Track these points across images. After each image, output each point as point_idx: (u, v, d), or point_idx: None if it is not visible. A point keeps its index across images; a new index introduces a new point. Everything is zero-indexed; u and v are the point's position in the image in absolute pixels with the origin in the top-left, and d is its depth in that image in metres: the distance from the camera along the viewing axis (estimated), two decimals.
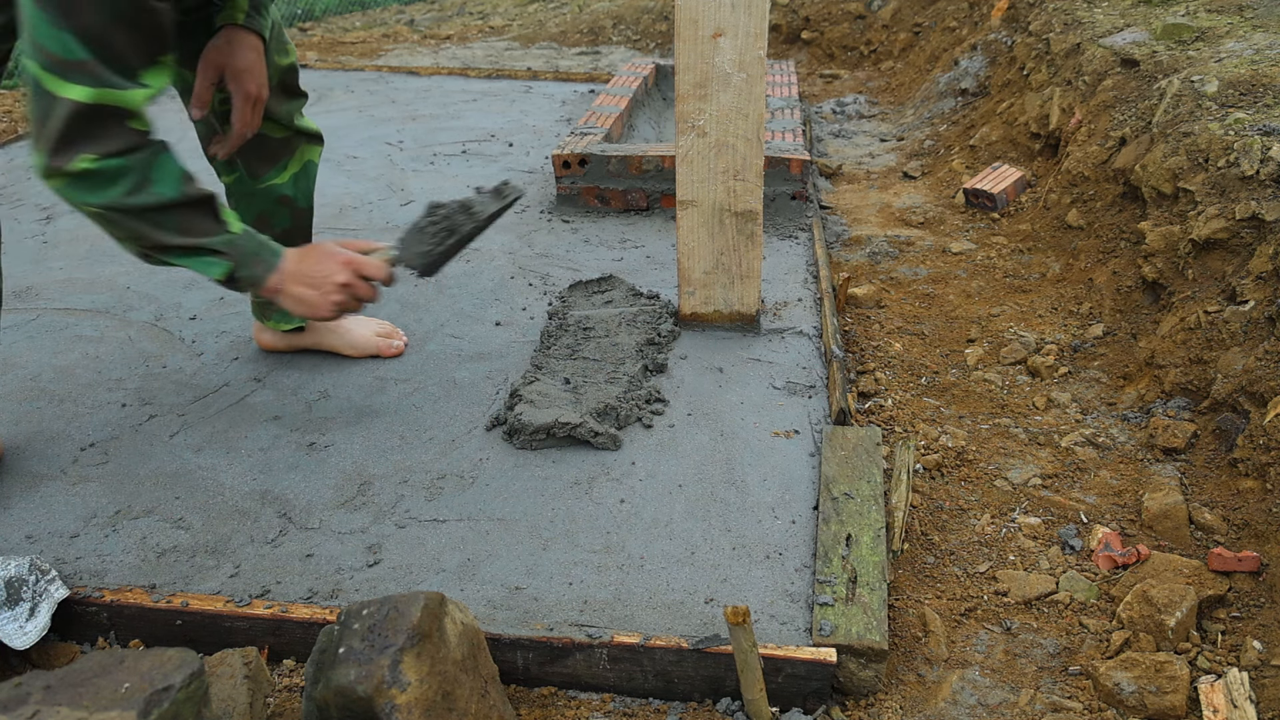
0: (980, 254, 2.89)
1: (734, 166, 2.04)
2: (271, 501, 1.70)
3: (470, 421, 1.93)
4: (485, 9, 7.23)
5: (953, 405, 2.15)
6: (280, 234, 1.96)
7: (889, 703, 1.39)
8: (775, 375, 2.08)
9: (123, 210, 1.42)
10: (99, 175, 1.38)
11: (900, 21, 5.33)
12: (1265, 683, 1.38)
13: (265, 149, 1.88)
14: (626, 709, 1.39)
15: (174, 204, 1.44)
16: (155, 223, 1.44)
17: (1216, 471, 1.82)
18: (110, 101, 1.35)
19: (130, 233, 1.45)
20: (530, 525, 1.64)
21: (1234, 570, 1.57)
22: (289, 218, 1.97)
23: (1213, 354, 2.00)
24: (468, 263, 2.66)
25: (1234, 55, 2.75)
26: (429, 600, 1.14)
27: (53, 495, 1.72)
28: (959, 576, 1.65)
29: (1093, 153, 2.84)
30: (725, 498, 1.70)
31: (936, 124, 4.06)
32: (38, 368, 2.13)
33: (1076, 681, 1.43)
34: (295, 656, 1.45)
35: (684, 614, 1.44)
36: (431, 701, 1.10)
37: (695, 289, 2.22)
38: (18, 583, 1.41)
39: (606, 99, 3.73)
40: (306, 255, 1.59)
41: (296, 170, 1.94)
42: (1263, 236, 2.08)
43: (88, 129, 1.35)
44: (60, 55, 1.30)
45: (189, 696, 1.01)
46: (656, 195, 3.02)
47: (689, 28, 1.89)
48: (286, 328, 2.09)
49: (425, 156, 3.62)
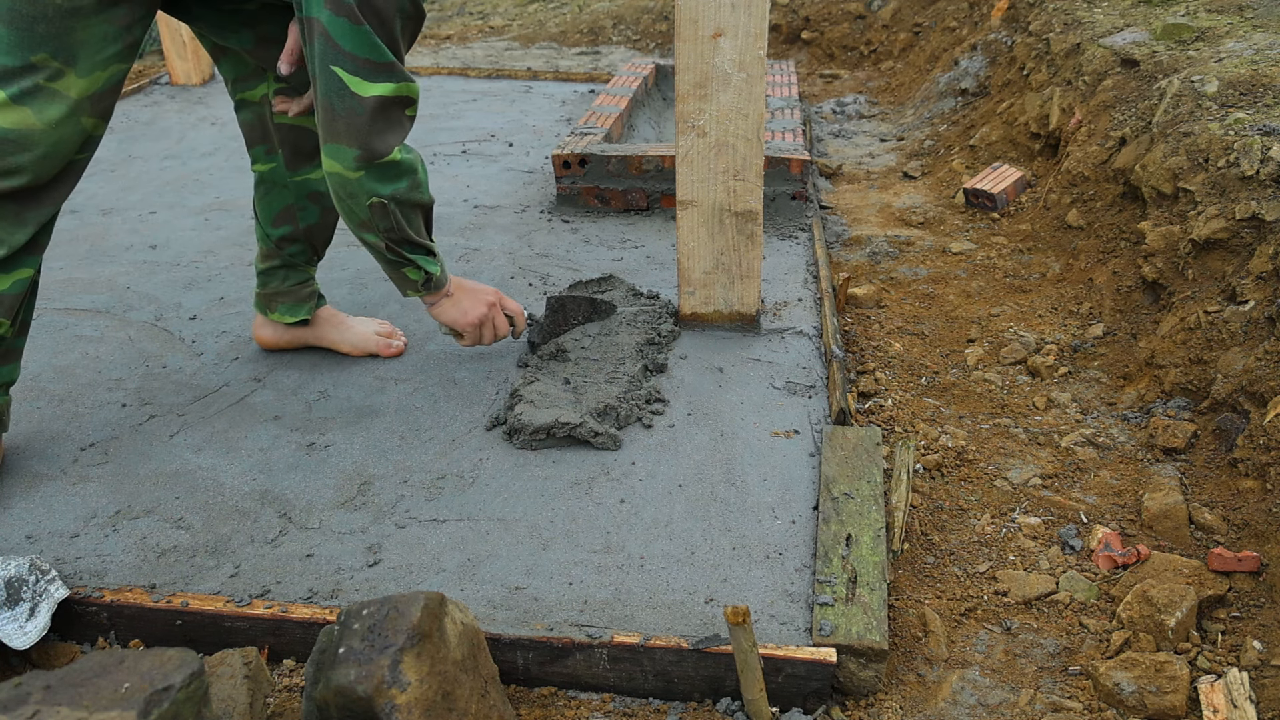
0: (980, 254, 2.89)
1: (734, 166, 2.04)
2: (271, 501, 1.70)
3: (470, 421, 1.93)
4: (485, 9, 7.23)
5: (953, 405, 2.15)
6: (304, 229, 1.98)
7: (889, 703, 1.40)
8: (775, 375, 2.08)
9: (400, 202, 1.66)
10: (398, 166, 1.63)
11: (900, 21, 5.33)
12: (1265, 683, 1.38)
13: (309, 142, 1.91)
14: (626, 709, 1.39)
15: (429, 205, 1.75)
16: (411, 218, 1.71)
17: (1216, 471, 1.82)
18: (405, 94, 1.59)
19: (395, 223, 1.68)
20: (530, 525, 1.64)
21: (1234, 570, 1.57)
22: (317, 214, 1.99)
23: (1213, 354, 2.00)
24: (468, 263, 2.67)
25: (1234, 55, 2.75)
26: (429, 600, 1.14)
27: (53, 495, 1.72)
28: (959, 576, 1.65)
29: (1093, 153, 2.84)
30: (725, 498, 1.70)
31: (936, 124, 4.06)
32: (38, 368, 2.13)
33: (1076, 681, 1.43)
34: (295, 656, 1.45)
35: (684, 614, 1.44)
36: (431, 701, 1.10)
37: (695, 289, 2.22)
38: (18, 583, 1.41)
39: (606, 99, 3.73)
40: (464, 285, 1.92)
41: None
42: (1263, 236, 2.08)
43: (385, 122, 1.59)
44: (370, 58, 1.53)
45: (189, 696, 1.01)
46: (656, 195, 3.02)
47: (689, 28, 1.89)
48: (291, 320, 2.08)
49: (425, 156, 3.62)
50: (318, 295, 2.11)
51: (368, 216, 1.66)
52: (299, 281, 2.05)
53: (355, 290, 2.50)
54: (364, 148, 1.58)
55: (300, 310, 2.08)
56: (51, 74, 1.48)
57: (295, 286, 2.05)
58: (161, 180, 3.34)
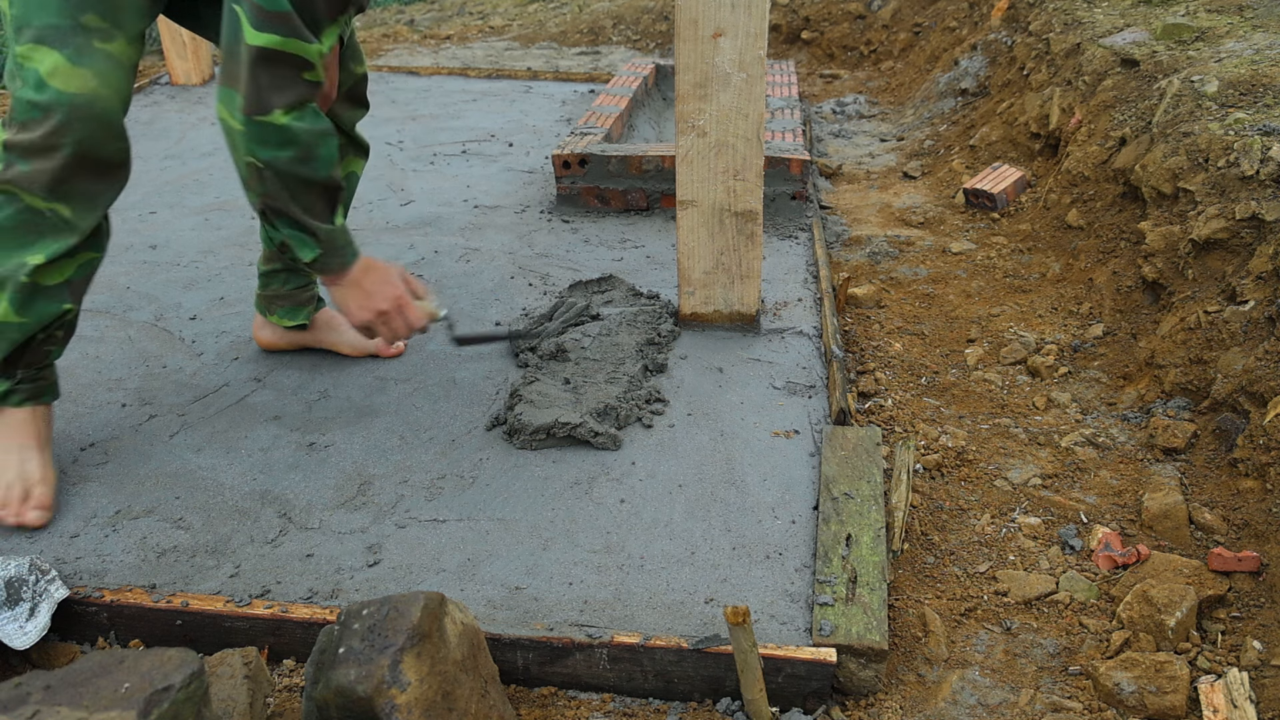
0: (980, 254, 2.89)
1: (734, 166, 2.04)
2: (271, 501, 1.70)
3: (470, 421, 1.93)
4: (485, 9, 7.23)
5: (953, 405, 2.15)
6: None
7: (889, 703, 1.39)
8: (775, 375, 2.08)
9: (278, 171, 1.51)
10: (282, 132, 1.48)
11: (900, 21, 5.33)
12: (1265, 683, 1.38)
13: None
14: (626, 709, 1.39)
15: (317, 183, 1.56)
16: (294, 192, 1.54)
17: (1216, 471, 1.82)
18: (293, 51, 1.45)
19: (270, 190, 1.53)
20: (530, 525, 1.64)
21: (1234, 570, 1.57)
22: None
23: (1213, 354, 2.00)
24: (468, 263, 2.67)
25: (1234, 55, 2.75)
26: (429, 600, 1.14)
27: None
28: (959, 576, 1.65)
29: (1093, 153, 2.84)
30: (725, 498, 1.70)
31: (936, 124, 4.06)
32: None
33: (1076, 681, 1.43)
34: (295, 656, 1.45)
35: (684, 614, 1.44)
36: (431, 701, 1.10)
37: (695, 289, 2.22)
38: (18, 583, 1.41)
39: (606, 99, 3.73)
40: (373, 269, 1.70)
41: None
42: (1263, 236, 2.08)
43: (270, 77, 1.44)
44: (262, 4, 1.40)
45: (189, 696, 1.01)
46: (656, 195, 3.02)
47: (689, 28, 1.89)
48: (290, 324, 2.09)
49: (425, 156, 3.62)
50: (317, 299, 2.11)
51: (246, 175, 1.54)
52: (299, 285, 2.05)
53: None
54: (246, 97, 1.45)
55: (299, 314, 2.08)
56: (104, 35, 1.45)
57: (295, 290, 2.05)
58: (162, 180, 3.34)
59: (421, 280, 1.75)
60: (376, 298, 1.68)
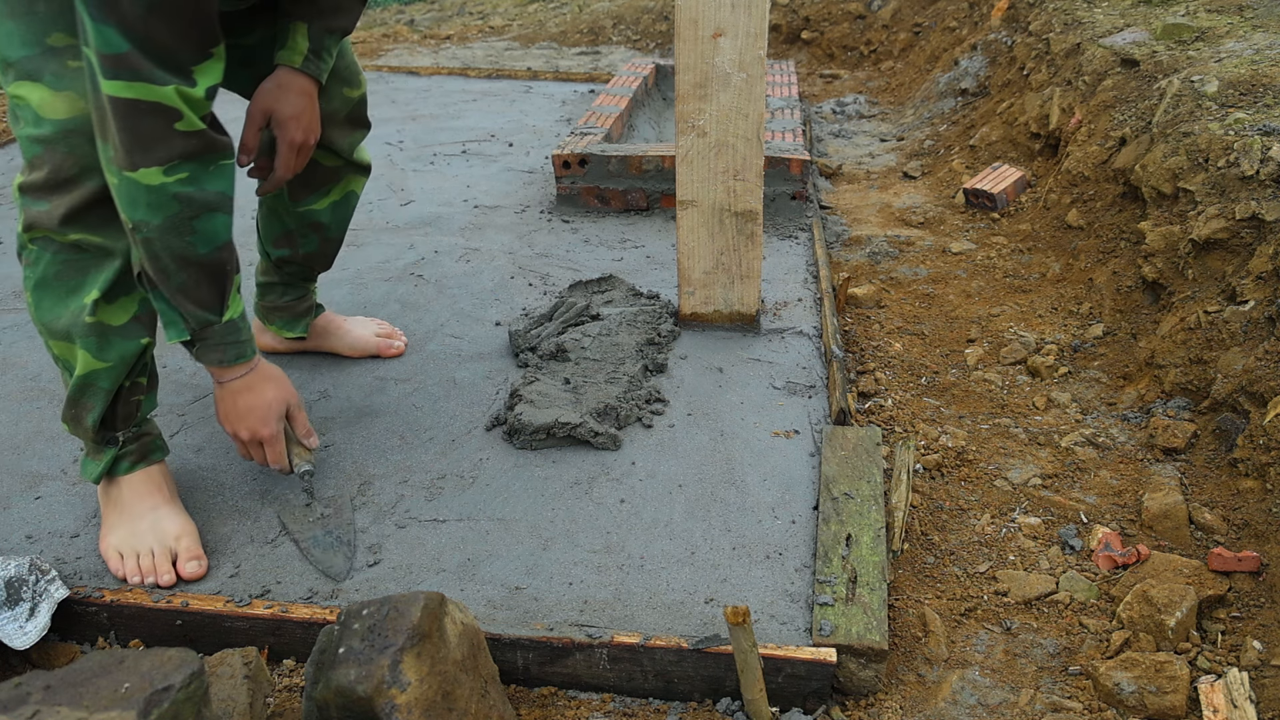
0: (980, 254, 2.89)
1: (734, 166, 2.04)
2: (271, 501, 1.70)
3: (470, 421, 1.93)
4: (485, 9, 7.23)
5: (953, 405, 2.15)
6: (303, 256, 1.94)
7: (889, 703, 1.39)
8: (775, 375, 2.08)
9: (145, 239, 1.33)
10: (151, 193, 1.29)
11: (900, 21, 5.33)
12: (1265, 683, 1.38)
13: (314, 176, 1.82)
14: (626, 709, 1.39)
15: (193, 261, 1.36)
16: (164, 267, 1.36)
17: (1216, 471, 1.82)
18: (145, 97, 1.24)
19: (143, 255, 1.36)
20: (530, 525, 1.64)
21: (1234, 570, 1.57)
22: (316, 243, 1.93)
23: (1213, 354, 2.00)
24: (468, 263, 2.67)
25: (1234, 55, 2.75)
26: (429, 600, 1.14)
27: (53, 495, 1.71)
28: (959, 576, 1.65)
29: (1093, 153, 2.84)
30: (725, 498, 1.70)
31: (936, 124, 4.06)
32: (38, 368, 2.13)
33: (1076, 681, 1.43)
34: (295, 656, 1.45)
35: (684, 614, 1.44)
36: (431, 701, 1.10)
37: (695, 289, 2.22)
38: (18, 583, 1.41)
39: (606, 99, 3.73)
40: (254, 393, 1.52)
41: (337, 199, 1.88)
42: (1263, 236, 2.08)
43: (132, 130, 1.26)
44: (106, 51, 1.20)
45: (189, 696, 1.01)
46: (656, 195, 3.02)
47: (689, 28, 1.89)
48: (290, 335, 2.09)
49: (425, 156, 3.62)
50: (315, 308, 2.10)
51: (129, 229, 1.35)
52: (296, 297, 2.04)
53: (355, 290, 2.50)
54: (116, 149, 1.27)
55: (297, 326, 2.07)
56: (75, 52, 1.35)
57: (292, 302, 2.04)
58: None
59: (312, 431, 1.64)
60: (240, 423, 1.53)
